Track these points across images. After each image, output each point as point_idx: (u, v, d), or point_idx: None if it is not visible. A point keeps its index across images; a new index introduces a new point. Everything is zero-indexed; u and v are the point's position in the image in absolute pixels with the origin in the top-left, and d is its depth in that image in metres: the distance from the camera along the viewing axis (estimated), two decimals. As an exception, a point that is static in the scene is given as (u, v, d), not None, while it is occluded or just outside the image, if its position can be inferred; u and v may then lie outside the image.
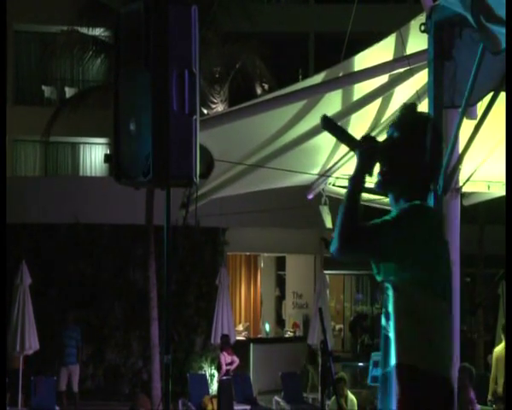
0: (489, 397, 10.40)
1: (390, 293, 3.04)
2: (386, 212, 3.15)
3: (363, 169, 3.08)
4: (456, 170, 5.38)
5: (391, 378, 3.03)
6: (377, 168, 3.14)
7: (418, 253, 2.97)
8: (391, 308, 3.03)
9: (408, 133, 3.14)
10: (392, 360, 3.02)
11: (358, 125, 7.40)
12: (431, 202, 3.24)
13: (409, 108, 3.24)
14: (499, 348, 10.94)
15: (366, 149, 3.08)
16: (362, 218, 3.00)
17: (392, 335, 3.03)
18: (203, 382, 15.47)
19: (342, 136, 3.17)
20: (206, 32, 15.51)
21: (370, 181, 3.14)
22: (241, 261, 21.34)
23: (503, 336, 10.83)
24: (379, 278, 3.08)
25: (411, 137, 3.13)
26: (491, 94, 4.99)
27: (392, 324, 3.03)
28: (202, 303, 17.84)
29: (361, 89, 6.64)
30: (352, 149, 3.14)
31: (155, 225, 14.54)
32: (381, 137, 3.24)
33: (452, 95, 4.91)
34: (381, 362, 3.12)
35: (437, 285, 3.02)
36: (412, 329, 2.98)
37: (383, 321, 3.09)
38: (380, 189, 3.17)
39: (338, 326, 25.03)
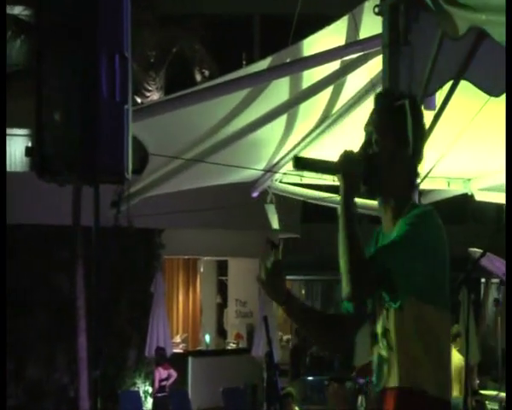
0: None
1: (391, 309, 3.03)
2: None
3: (350, 191, 3.03)
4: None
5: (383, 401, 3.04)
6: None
7: (430, 267, 2.99)
8: (391, 326, 3.03)
9: (384, 128, 3.11)
10: (389, 382, 3.02)
11: (308, 116, 7.44)
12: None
13: (381, 99, 3.21)
14: None
15: (346, 167, 3.04)
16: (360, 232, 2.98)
17: (389, 354, 3.03)
18: (136, 399, 15.40)
19: (319, 167, 3.22)
20: (140, 12, 15.41)
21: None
22: (178, 266, 21.26)
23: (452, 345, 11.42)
24: (394, 305, 3.03)
25: (388, 131, 3.10)
26: (450, 83, 5.05)
27: (392, 343, 3.02)
28: (136, 312, 17.73)
29: (310, 76, 6.67)
30: (332, 174, 3.15)
31: (83, 226, 14.41)
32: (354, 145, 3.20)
33: (409, 83, 4.96)
34: (374, 382, 3.13)
35: (444, 296, 3.05)
36: (422, 350, 2.98)
37: (376, 337, 3.09)
38: (369, 197, 3.19)
39: (286, 337, 25.11)
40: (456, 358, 11.16)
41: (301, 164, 3.22)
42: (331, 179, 3.24)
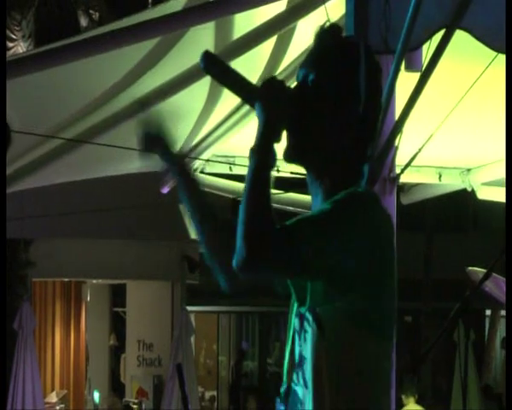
0: None
1: (309, 330, 3.04)
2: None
3: (270, 132, 3.04)
4: (389, 149, 5.48)
5: None
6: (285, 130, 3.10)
7: (363, 268, 2.98)
8: (308, 352, 3.04)
9: (328, 72, 3.11)
10: None
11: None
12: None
13: (328, 33, 3.19)
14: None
15: (271, 99, 3.04)
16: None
17: (304, 389, 3.05)
18: None
19: (234, 80, 3.15)
20: None
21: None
22: (54, 292, 21.15)
23: (409, 398, 12.34)
24: (302, 310, 3.06)
25: (334, 76, 3.10)
26: (441, 32, 5.11)
27: (308, 374, 3.04)
28: (-8, 360, 17.64)
29: (245, 22, 6.71)
30: (247, 100, 3.14)
31: None
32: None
33: (384, 33, 5.01)
34: None
35: (383, 319, 3.06)
36: (345, 383, 3.00)
37: (285, 368, 3.13)
38: (290, 160, 3.16)
39: (209, 393, 25.19)
40: None
41: (210, 63, 3.13)
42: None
